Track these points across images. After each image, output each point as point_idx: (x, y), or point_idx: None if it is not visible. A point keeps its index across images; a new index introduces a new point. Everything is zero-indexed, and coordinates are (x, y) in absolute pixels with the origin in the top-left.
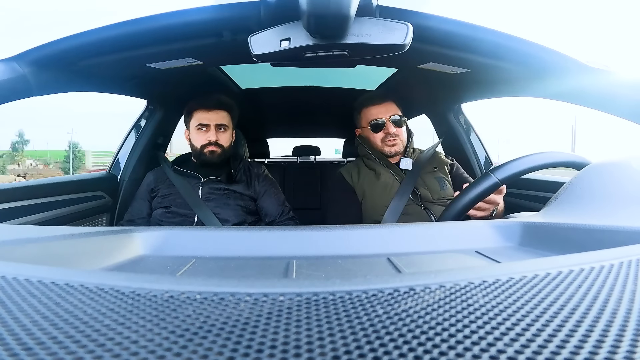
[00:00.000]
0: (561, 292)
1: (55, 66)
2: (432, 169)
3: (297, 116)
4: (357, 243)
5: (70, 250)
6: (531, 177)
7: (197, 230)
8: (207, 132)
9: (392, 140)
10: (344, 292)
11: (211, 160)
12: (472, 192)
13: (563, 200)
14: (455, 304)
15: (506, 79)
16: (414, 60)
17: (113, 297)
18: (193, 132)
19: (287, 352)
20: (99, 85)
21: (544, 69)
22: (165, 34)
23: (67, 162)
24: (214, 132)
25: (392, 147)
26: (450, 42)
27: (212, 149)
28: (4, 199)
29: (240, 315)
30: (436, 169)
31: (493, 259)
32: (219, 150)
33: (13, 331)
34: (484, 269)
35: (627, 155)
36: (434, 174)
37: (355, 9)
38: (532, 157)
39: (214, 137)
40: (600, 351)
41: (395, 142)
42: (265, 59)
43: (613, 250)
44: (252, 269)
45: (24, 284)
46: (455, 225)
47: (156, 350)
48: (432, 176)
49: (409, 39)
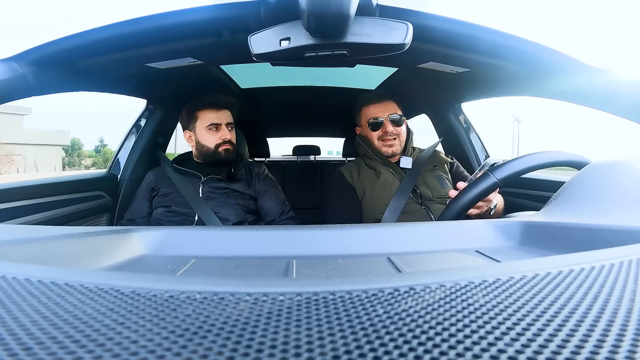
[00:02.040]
0: (561, 291)
1: (55, 66)
2: (432, 167)
3: (297, 116)
4: (357, 243)
5: (70, 250)
6: (531, 176)
7: (197, 230)
8: (219, 131)
9: (390, 140)
10: (344, 292)
11: (227, 158)
12: (472, 191)
13: (563, 199)
14: (456, 304)
15: (506, 78)
16: (414, 59)
17: (113, 297)
18: (203, 133)
19: (287, 352)
20: (99, 85)
21: (544, 69)
22: (165, 33)
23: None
24: (227, 131)
25: (389, 147)
26: (450, 41)
27: (227, 147)
28: (4, 199)
29: (240, 315)
30: (436, 167)
31: (493, 258)
32: (232, 148)
33: (13, 331)
34: (484, 269)
35: (627, 154)
36: (434, 173)
37: (355, 9)
38: (532, 157)
39: (228, 136)
40: (601, 351)
41: (392, 143)
42: (265, 59)
43: (613, 250)
44: (252, 269)
45: (24, 284)
46: (456, 225)
47: (156, 350)
48: (432, 175)
49: (409, 39)
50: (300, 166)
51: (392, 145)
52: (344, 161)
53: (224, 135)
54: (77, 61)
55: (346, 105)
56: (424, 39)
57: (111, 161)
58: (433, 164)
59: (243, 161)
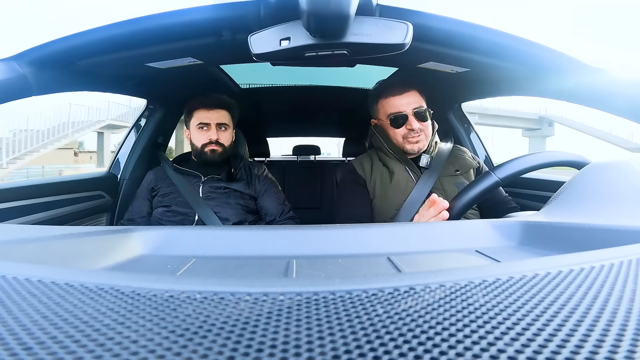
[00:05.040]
0: (561, 291)
1: (55, 66)
2: (453, 171)
3: (297, 115)
4: (357, 242)
5: (70, 250)
6: (531, 176)
7: (197, 229)
8: (207, 131)
9: (416, 137)
10: (344, 292)
11: (212, 159)
12: (473, 191)
13: (563, 199)
14: (456, 304)
15: (506, 78)
16: (414, 59)
17: (113, 297)
18: (194, 131)
19: (287, 352)
20: (99, 84)
21: (544, 68)
22: (165, 33)
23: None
24: (215, 131)
25: (415, 144)
26: (450, 41)
27: (213, 147)
28: (4, 199)
29: (240, 314)
30: (458, 172)
31: (493, 258)
32: (220, 149)
33: (13, 331)
34: (484, 269)
35: (627, 155)
36: (455, 179)
37: (355, 8)
38: (533, 157)
39: (215, 136)
40: (601, 351)
41: (419, 139)
42: (265, 59)
43: (613, 250)
44: (252, 269)
45: (24, 283)
46: (456, 225)
47: (156, 350)
48: (453, 181)
49: (409, 38)
50: (300, 166)
51: (418, 142)
52: (344, 161)
53: (210, 135)
54: (77, 61)
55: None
56: (424, 39)
57: (111, 161)
58: (455, 168)
59: (243, 161)
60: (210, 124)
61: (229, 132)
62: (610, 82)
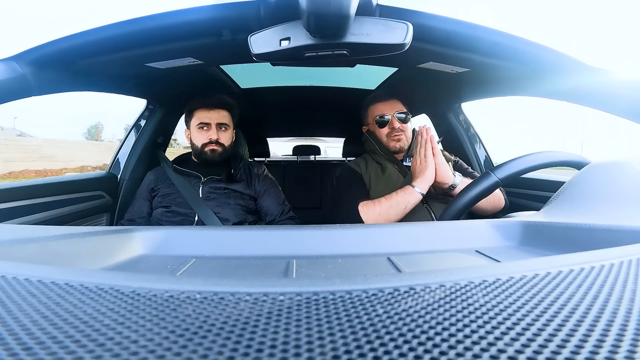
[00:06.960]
0: (561, 291)
1: (55, 66)
2: None
3: (297, 116)
4: (357, 242)
5: (70, 250)
6: (531, 176)
7: (197, 229)
8: (208, 131)
9: (397, 136)
10: (344, 292)
11: (212, 159)
12: (473, 191)
13: (563, 199)
14: (456, 304)
15: (506, 78)
16: (414, 59)
17: (113, 297)
18: (194, 131)
19: (287, 352)
20: (98, 84)
21: (544, 68)
22: (165, 33)
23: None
24: (215, 131)
25: (397, 142)
26: (450, 41)
27: (213, 147)
28: (4, 199)
29: (240, 314)
30: None
31: (493, 258)
32: (220, 149)
33: (13, 331)
34: (484, 269)
35: (627, 154)
36: None
37: (355, 8)
38: (532, 157)
39: (215, 136)
40: (601, 351)
41: (400, 137)
42: (265, 59)
43: (613, 250)
44: (252, 269)
45: (24, 283)
46: (456, 225)
47: (156, 350)
48: None
49: (409, 39)
50: (300, 166)
51: (399, 140)
52: (344, 161)
53: (210, 135)
54: (77, 61)
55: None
56: (424, 39)
57: (111, 161)
58: None
59: (243, 161)
60: (211, 123)
61: (229, 132)
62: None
